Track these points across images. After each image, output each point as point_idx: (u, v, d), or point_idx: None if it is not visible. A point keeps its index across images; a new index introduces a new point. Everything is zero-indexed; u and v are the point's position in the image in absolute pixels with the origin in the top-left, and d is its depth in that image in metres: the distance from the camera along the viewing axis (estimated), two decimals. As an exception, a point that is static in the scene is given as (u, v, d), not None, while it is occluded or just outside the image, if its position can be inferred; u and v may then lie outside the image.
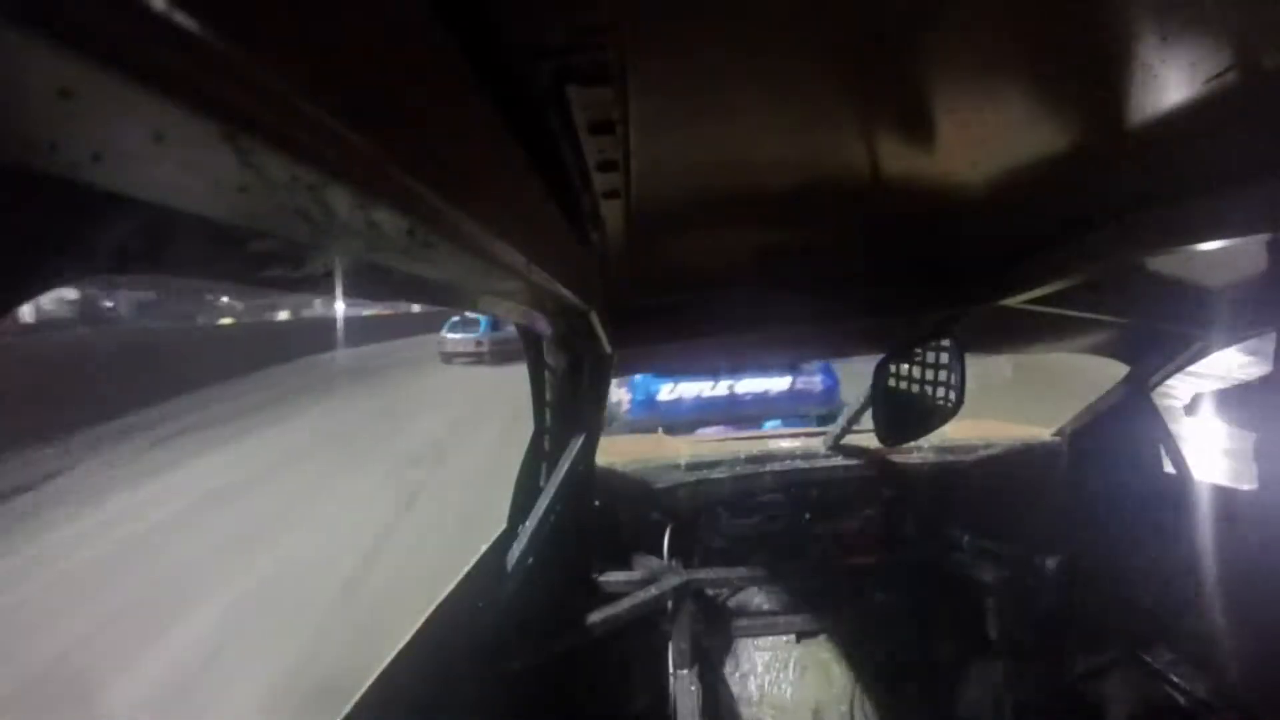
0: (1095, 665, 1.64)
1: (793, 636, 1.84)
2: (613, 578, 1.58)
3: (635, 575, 1.60)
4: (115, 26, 0.18)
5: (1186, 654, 1.51)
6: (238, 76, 0.21)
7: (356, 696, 0.78)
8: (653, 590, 1.55)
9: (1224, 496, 1.57)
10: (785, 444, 2.02)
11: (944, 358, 1.31)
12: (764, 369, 5.17)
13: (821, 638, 1.84)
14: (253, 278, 0.34)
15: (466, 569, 1.13)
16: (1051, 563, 1.62)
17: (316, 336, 18.07)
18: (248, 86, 0.22)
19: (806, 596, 1.83)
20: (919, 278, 1.24)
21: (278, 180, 0.27)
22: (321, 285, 0.41)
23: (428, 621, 0.97)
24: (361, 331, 23.08)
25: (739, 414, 5.08)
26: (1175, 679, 1.51)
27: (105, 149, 0.22)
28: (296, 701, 3.01)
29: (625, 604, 1.50)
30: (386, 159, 0.31)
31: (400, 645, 0.90)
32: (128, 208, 0.25)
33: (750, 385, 5.20)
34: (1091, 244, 0.93)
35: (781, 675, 1.80)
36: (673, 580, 1.59)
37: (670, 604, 1.59)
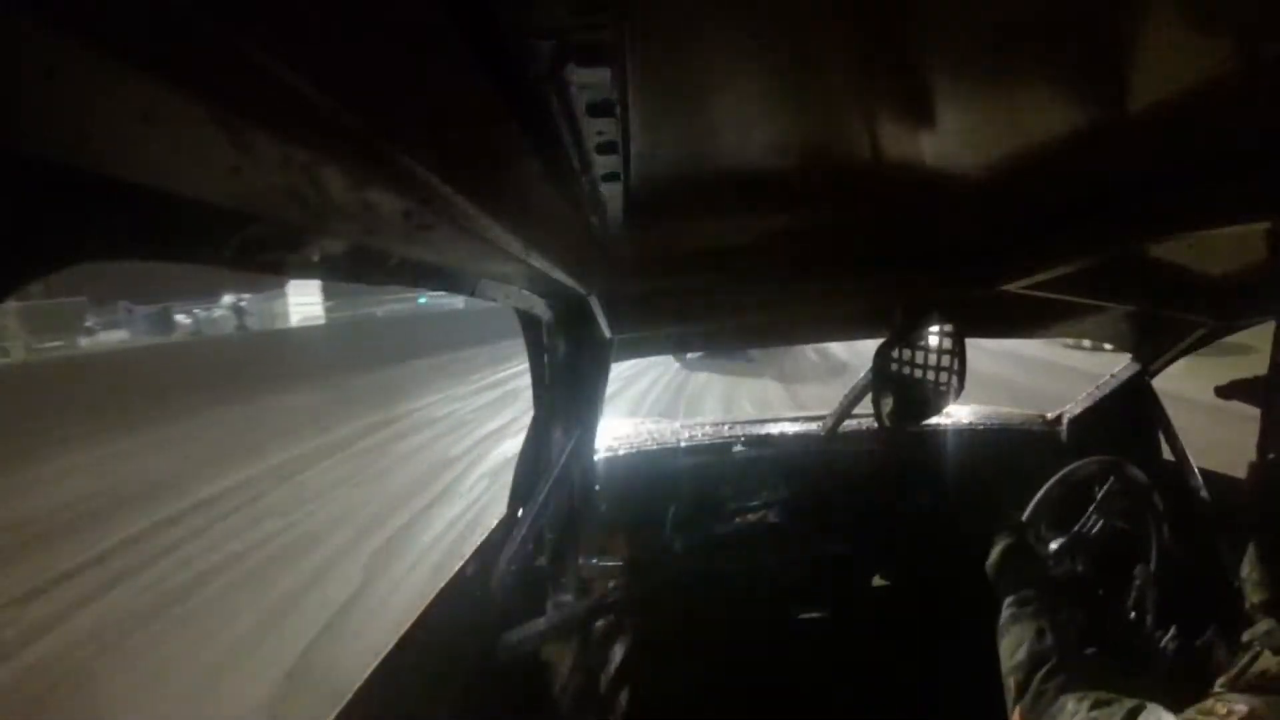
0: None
1: (793, 620, 1.85)
2: (614, 562, 1.59)
3: (637, 559, 1.61)
4: (100, 4, 0.17)
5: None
6: (227, 54, 0.21)
7: (359, 682, 0.78)
8: (654, 574, 1.56)
9: (1220, 484, 1.57)
10: (784, 428, 2.03)
11: (945, 342, 1.31)
12: None
13: (821, 621, 1.86)
14: (248, 262, 0.34)
15: (468, 554, 1.14)
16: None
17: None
18: (237, 65, 0.21)
19: (806, 580, 1.84)
20: (918, 262, 1.23)
21: (270, 160, 0.26)
22: (317, 270, 0.40)
23: (429, 606, 0.98)
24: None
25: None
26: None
27: (93, 131, 0.21)
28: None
29: (626, 587, 1.51)
30: (381, 139, 0.31)
31: (402, 631, 0.90)
32: (118, 192, 0.24)
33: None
34: (1093, 229, 0.92)
35: (781, 657, 1.83)
36: (673, 563, 1.60)
37: (671, 587, 1.60)
